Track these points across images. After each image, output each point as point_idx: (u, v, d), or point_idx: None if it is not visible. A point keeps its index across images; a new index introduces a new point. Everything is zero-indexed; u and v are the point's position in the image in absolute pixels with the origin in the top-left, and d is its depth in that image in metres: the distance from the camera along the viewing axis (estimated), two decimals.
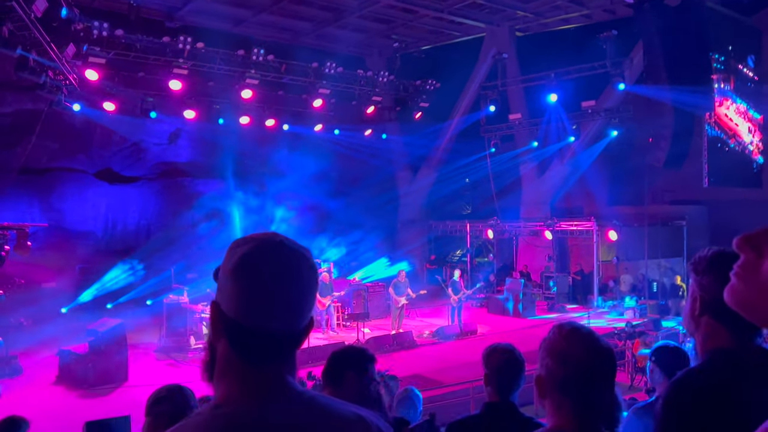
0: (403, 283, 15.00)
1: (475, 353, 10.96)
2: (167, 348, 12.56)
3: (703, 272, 1.69)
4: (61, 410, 9.17)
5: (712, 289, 1.64)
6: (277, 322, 1.17)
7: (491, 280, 21.14)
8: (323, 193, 21.20)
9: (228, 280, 1.18)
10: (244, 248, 1.19)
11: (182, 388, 2.74)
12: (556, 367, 1.66)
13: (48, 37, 11.61)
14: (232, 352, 1.18)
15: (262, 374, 1.18)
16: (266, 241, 1.21)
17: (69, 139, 16.64)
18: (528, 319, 16.98)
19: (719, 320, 1.64)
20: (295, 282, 1.19)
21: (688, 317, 1.75)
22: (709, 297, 1.66)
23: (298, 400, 1.20)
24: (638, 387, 10.06)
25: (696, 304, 1.70)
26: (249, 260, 1.18)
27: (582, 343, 1.67)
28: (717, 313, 1.64)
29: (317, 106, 17.88)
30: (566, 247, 21.01)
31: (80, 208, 17.69)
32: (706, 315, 1.68)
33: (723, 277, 1.68)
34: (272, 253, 1.19)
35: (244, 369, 1.18)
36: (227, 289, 1.19)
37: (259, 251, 1.19)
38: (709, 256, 1.70)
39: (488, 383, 2.73)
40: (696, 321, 1.71)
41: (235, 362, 1.18)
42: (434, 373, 11.22)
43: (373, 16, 19.92)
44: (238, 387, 1.17)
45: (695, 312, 1.71)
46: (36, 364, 11.25)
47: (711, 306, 1.65)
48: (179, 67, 15.07)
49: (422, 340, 14.41)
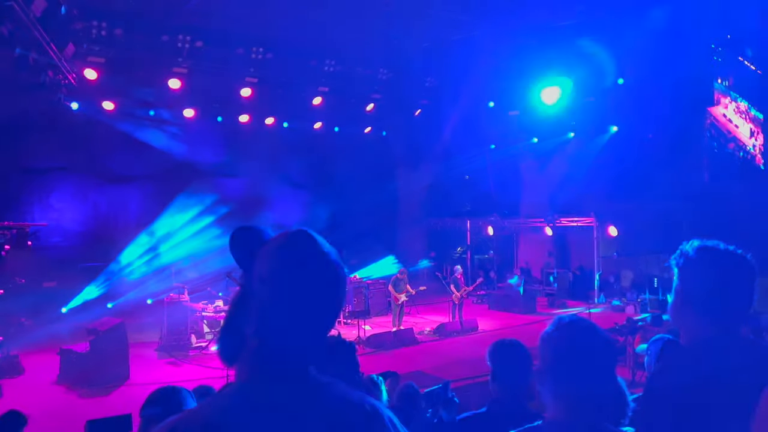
0: (403, 280, 15.01)
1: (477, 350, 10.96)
2: (168, 347, 12.57)
3: (684, 266, 1.73)
4: (63, 409, 9.18)
5: (693, 282, 1.69)
6: (305, 337, 1.22)
7: (492, 277, 21.17)
8: (322, 190, 21.20)
9: (262, 287, 1.21)
10: (280, 253, 1.21)
11: (177, 389, 2.66)
12: (553, 359, 1.66)
13: (47, 37, 11.59)
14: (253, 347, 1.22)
15: (279, 363, 1.22)
16: (308, 248, 1.23)
17: (68, 139, 16.61)
18: (529, 315, 16.99)
19: (700, 312, 1.68)
20: (324, 292, 1.21)
21: (672, 309, 1.79)
22: (692, 290, 1.69)
23: (312, 385, 1.24)
24: (640, 382, 10.07)
25: (679, 297, 1.74)
26: (283, 270, 1.20)
27: (579, 335, 1.67)
28: (699, 305, 1.67)
29: (316, 103, 17.87)
30: (566, 242, 21.02)
31: (80, 206, 17.69)
32: (688, 307, 1.71)
33: (703, 270, 1.72)
34: (307, 263, 1.21)
35: (257, 361, 1.22)
36: (258, 294, 1.21)
37: (294, 260, 1.21)
38: (689, 250, 1.73)
39: (494, 379, 2.68)
40: (679, 312, 1.75)
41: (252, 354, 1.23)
42: (435, 369, 11.22)
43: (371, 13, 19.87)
44: (259, 372, 1.21)
45: (678, 304, 1.75)
46: (37, 363, 11.25)
47: (693, 299, 1.69)
48: (178, 65, 15.07)
49: (423, 337, 14.41)
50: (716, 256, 1.69)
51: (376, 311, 16.44)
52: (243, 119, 17.56)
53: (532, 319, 16.30)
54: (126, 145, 18.26)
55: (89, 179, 17.99)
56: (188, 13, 18.17)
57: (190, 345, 12.66)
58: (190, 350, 12.48)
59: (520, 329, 14.71)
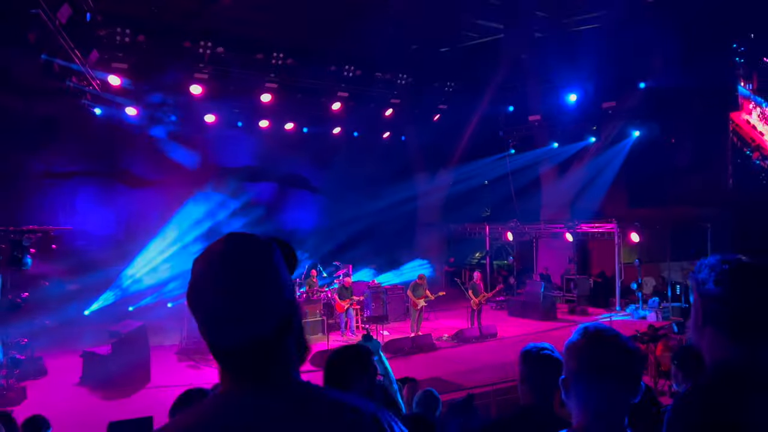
0: (422, 285, 14.96)
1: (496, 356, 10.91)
2: (188, 350, 12.67)
3: (704, 281, 1.63)
4: (85, 411, 9.29)
5: (714, 299, 1.59)
6: (232, 338, 1.19)
7: (511, 283, 21.01)
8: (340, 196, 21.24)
9: (187, 304, 1.23)
10: (193, 271, 1.22)
11: (204, 391, 2.72)
12: (579, 367, 1.64)
13: (72, 43, 11.81)
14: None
15: (243, 372, 1.22)
16: (209, 260, 1.21)
17: (91, 143, 16.86)
18: (549, 321, 16.82)
19: (722, 330, 1.58)
20: (240, 293, 1.18)
21: (692, 327, 1.68)
22: (712, 307, 1.59)
23: (295, 391, 1.22)
24: (662, 390, 9.91)
25: (699, 314, 1.64)
26: (194, 285, 1.21)
27: (606, 344, 1.65)
28: (720, 323, 1.57)
29: (336, 109, 17.93)
30: (587, 249, 20.80)
31: (103, 210, 17.92)
32: (709, 325, 1.61)
33: (725, 286, 1.60)
34: (214, 272, 1.19)
35: (225, 372, 1.24)
36: (190, 311, 1.24)
37: (202, 274, 1.20)
38: (709, 264, 1.63)
39: (523, 382, 2.63)
40: (700, 331, 1.64)
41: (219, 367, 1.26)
42: (454, 376, 11.15)
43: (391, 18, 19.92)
44: (233, 382, 1.22)
45: (698, 322, 1.64)
46: (60, 365, 11.41)
47: (714, 316, 1.59)
48: (200, 71, 15.24)
49: (442, 343, 14.34)
50: (743, 271, 1.60)
51: (394, 316, 16.40)
52: (263, 124, 17.68)
53: (553, 326, 16.14)
54: (148, 150, 18.49)
55: (112, 184, 18.23)
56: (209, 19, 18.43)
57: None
58: (209, 353, 12.54)
59: (540, 336, 14.56)
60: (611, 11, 18.92)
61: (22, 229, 10.42)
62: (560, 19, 20.03)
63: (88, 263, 15.40)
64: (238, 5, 18.16)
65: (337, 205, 21.28)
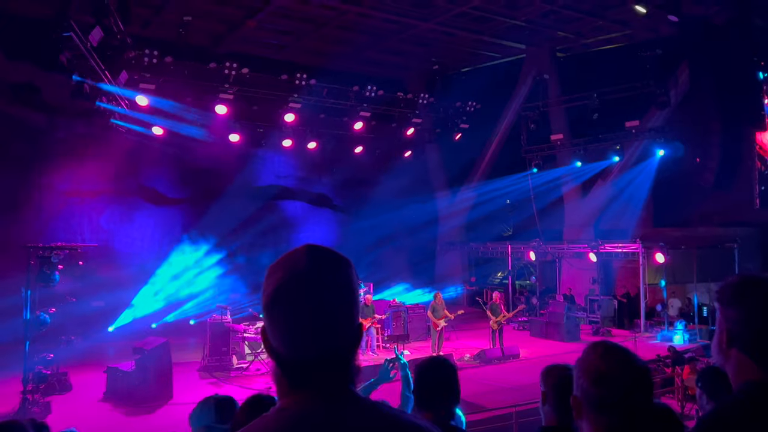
0: (440, 306, 14.86)
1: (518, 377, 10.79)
2: (210, 367, 12.73)
3: (728, 303, 1.59)
4: (109, 427, 9.37)
5: (739, 321, 1.55)
6: (314, 351, 1.19)
7: (534, 303, 20.78)
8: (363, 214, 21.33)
9: (265, 313, 1.22)
10: (275, 279, 1.21)
11: (273, 398, 2.75)
12: (591, 386, 1.63)
13: (102, 65, 12.14)
14: (282, 373, 1.23)
15: (317, 386, 1.21)
16: (295, 270, 1.21)
17: (118, 162, 17.23)
18: (572, 343, 16.57)
19: (747, 353, 1.54)
20: (326, 306, 1.19)
21: (716, 350, 1.64)
22: (737, 329, 1.56)
23: (361, 406, 1.22)
24: (689, 415, 9.69)
25: (723, 336, 1.60)
26: (279, 295, 1.19)
27: (617, 361, 1.64)
28: (745, 345, 1.54)
29: (358, 128, 18.08)
30: (611, 269, 20.51)
31: (128, 228, 18.23)
32: (734, 348, 1.57)
33: (750, 307, 1.55)
34: (301, 283, 1.19)
35: (293, 385, 1.22)
36: (266, 321, 1.23)
37: (287, 284, 1.20)
38: (734, 285, 1.59)
39: (545, 402, 2.60)
40: (725, 354, 1.60)
41: (285, 380, 1.23)
42: (476, 396, 11.04)
43: (413, 39, 20.12)
44: (300, 395, 1.21)
45: (723, 345, 1.60)
46: (84, 380, 11.55)
47: (739, 338, 1.56)
48: (225, 92, 15.53)
49: (463, 363, 14.20)
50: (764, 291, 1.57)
51: (415, 335, 16.31)
52: (286, 144, 17.88)
53: (576, 348, 15.88)
54: (174, 169, 18.82)
55: (137, 201, 18.56)
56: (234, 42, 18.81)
57: (231, 366, 12.79)
58: (232, 371, 12.61)
59: (563, 357, 14.33)
60: (635, 30, 18.91)
61: (51, 246, 10.62)
62: (581, 38, 20.06)
63: (113, 280, 15.63)
64: (262, 29, 18.60)
65: (358, 223, 21.36)
